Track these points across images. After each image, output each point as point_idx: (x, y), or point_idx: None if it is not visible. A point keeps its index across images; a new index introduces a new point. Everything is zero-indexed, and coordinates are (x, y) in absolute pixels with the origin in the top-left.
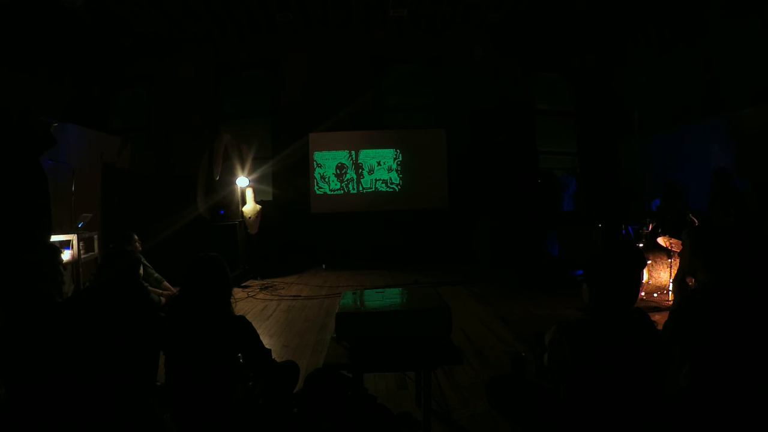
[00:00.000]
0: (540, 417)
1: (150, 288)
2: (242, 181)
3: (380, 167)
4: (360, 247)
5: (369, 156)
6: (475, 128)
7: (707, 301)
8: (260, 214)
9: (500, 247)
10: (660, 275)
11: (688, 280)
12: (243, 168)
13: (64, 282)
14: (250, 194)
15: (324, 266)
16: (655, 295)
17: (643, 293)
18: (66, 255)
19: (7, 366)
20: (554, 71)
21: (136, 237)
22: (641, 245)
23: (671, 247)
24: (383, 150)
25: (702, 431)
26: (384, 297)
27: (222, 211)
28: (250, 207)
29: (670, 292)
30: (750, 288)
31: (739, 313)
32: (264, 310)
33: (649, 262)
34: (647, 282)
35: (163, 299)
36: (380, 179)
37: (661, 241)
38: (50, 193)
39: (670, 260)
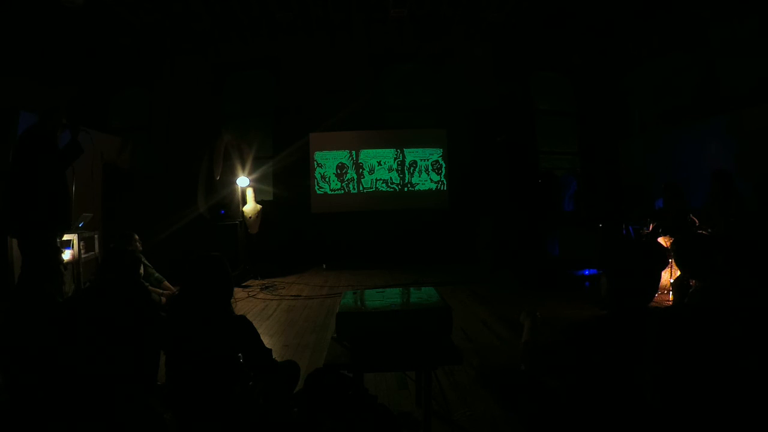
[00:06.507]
0: (540, 416)
1: (150, 287)
2: (243, 181)
3: (381, 167)
4: (360, 246)
5: (369, 156)
6: (475, 128)
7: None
8: (261, 214)
9: (501, 247)
10: (660, 275)
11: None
12: (243, 168)
13: (65, 282)
14: (250, 194)
15: (324, 266)
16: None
17: None
18: (66, 255)
19: (7, 365)
20: (555, 71)
21: (136, 237)
22: None
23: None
24: (384, 150)
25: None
26: (384, 297)
27: (222, 211)
28: (250, 207)
29: (671, 293)
30: (746, 287)
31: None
32: (264, 310)
33: None
34: None
35: (163, 299)
36: (381, 179)
37: (661, 241)
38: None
39: (670, 260)
